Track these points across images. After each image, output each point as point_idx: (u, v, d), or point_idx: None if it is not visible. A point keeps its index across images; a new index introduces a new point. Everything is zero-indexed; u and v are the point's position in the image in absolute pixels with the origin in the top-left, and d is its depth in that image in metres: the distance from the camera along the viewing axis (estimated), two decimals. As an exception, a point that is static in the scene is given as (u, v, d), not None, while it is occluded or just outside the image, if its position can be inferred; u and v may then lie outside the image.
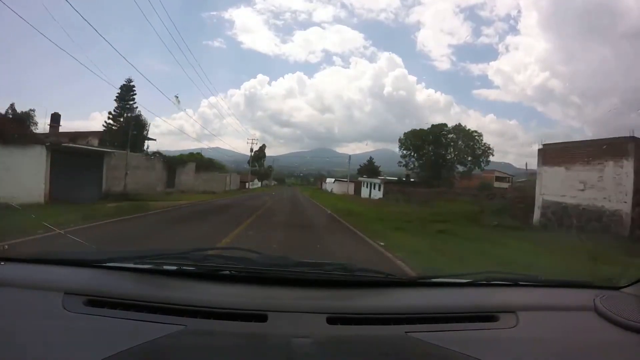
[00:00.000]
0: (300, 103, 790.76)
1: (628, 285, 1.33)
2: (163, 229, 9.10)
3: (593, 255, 6.26)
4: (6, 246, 1.53)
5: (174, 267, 1.26)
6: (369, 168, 57.39)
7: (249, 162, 67.82)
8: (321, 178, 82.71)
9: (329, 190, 56.81)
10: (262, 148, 72.64)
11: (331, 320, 1.00)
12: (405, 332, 1.00)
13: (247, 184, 52.47)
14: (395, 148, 47.20)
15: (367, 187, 42.14)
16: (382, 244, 7.82)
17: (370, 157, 64.69)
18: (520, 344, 1.01)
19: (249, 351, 0.89)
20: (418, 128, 40.76)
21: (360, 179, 48.57)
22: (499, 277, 1.44)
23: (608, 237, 10.22)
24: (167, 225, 9.79)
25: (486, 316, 1.11)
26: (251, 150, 55.30)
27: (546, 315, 1.16)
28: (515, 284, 1.41)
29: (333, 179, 63.44)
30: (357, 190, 47.64)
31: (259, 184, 68.98)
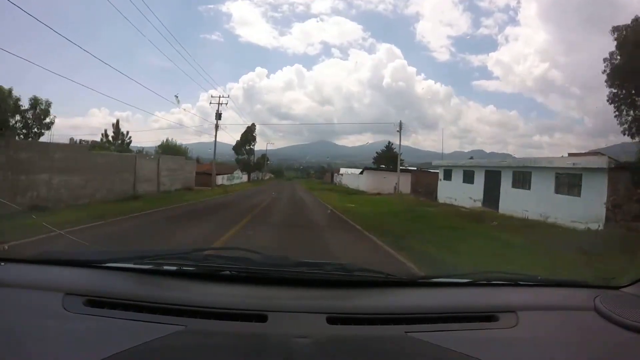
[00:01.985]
0: (299, 95, 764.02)
1: (628, 285, 1.32)
2: None
3: None
4: (6, 246, 1.49)
5: (174, 268, 1.25)
6: (387, 157, 42.36)
7: (238, 149, 45.62)
8: (334, 170, 59.25)
9: (355, 187, 33.57)
10: (251, 129, 48.82)
11: (331, 320, 1.00)
12: (405, 332, 0.99)
13: (216, 177, 28.90)
14: (397, 140, 28.26)
15: (477, 180, 17.74)
16: None
17: (389, 142, 45.91)
18: (520, 344, 1.00)
19: (248, 351, 0.89)
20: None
21: (437, 162, 23.74)
22: (499, 277, 1.43)
23: None
24: None
25: (486, 316, 1.11)
26: (218, 116, 27.79)
27: (546, 315, 1.15)
28: (515, 283, 1.39)
29: (360, 170, 40.13)
30: (421, 185, 24.71)
31: (243, 177, 45.24)
